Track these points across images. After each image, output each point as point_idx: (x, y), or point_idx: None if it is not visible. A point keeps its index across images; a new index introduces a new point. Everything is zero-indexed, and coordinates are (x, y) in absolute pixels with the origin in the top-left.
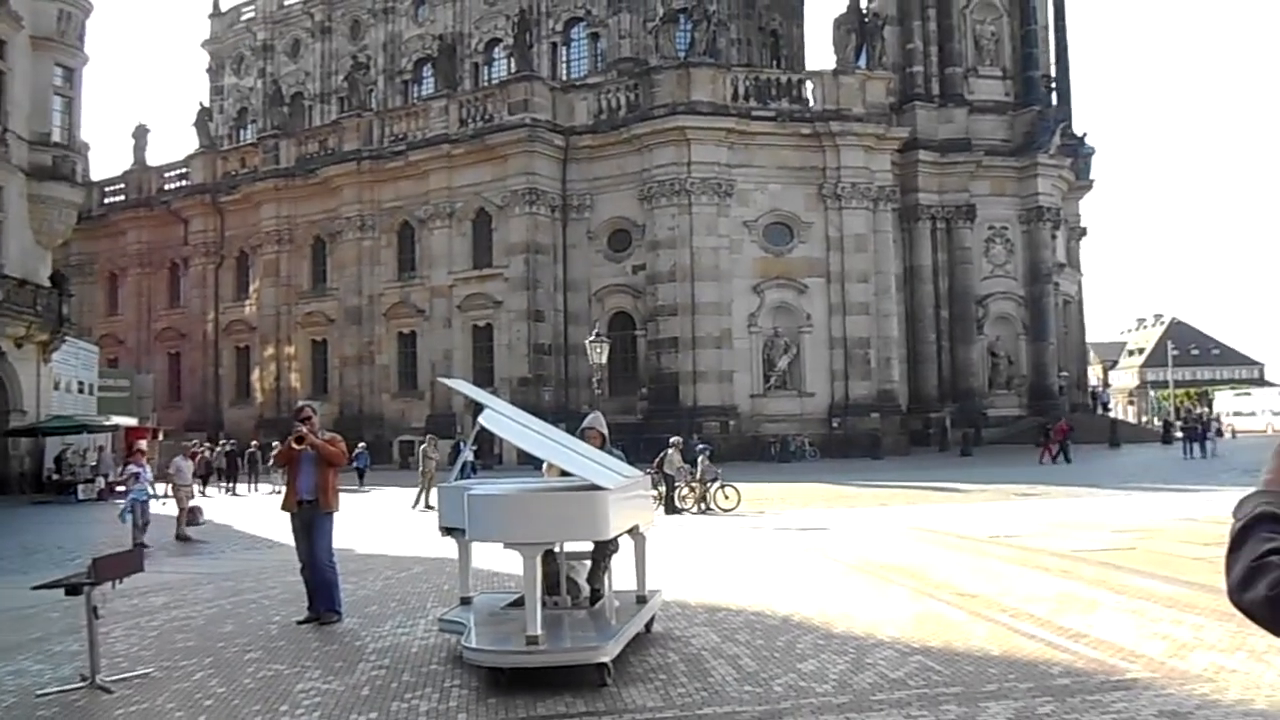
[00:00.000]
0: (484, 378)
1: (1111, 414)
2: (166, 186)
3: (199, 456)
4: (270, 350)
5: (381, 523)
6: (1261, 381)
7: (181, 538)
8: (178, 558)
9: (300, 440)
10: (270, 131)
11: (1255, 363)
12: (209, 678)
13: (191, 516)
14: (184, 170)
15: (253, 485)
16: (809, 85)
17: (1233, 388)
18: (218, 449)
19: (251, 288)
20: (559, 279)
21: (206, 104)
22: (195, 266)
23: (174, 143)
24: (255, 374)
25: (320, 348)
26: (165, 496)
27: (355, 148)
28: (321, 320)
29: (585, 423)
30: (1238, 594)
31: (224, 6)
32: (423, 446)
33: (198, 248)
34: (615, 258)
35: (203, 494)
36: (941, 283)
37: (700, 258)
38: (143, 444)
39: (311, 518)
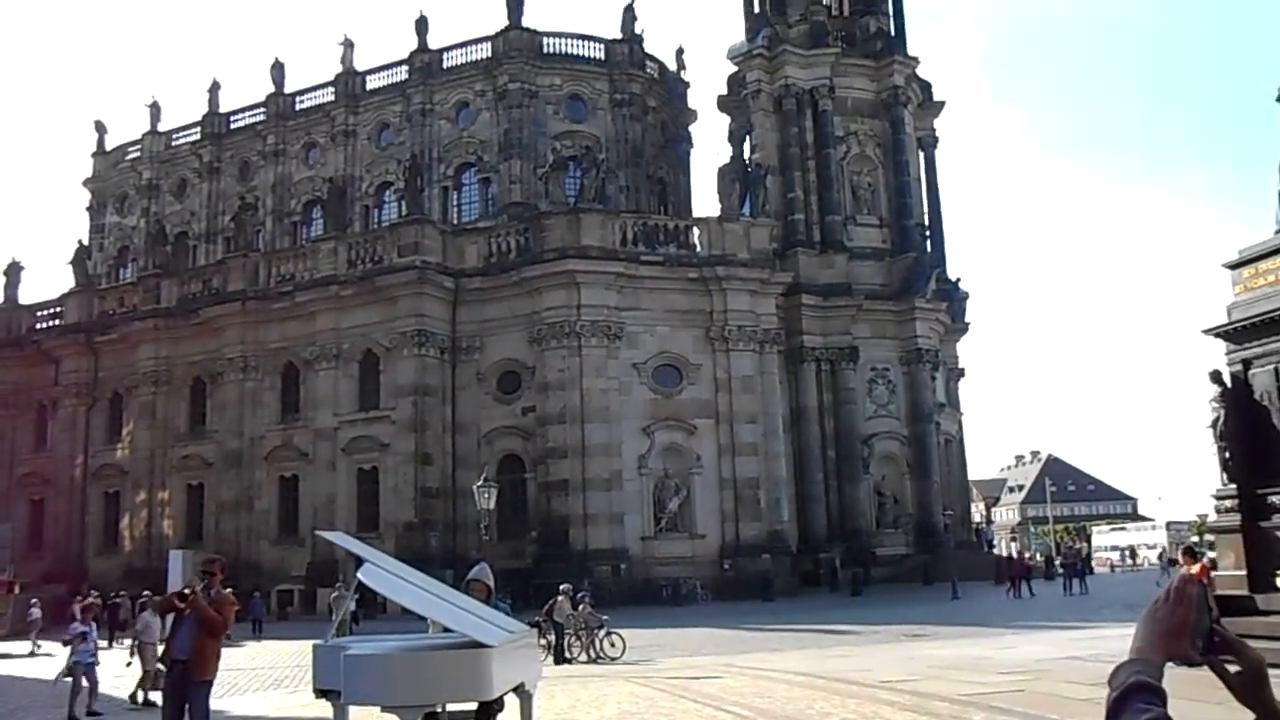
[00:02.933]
0: (369, 523)
1: (996, 550)
2: (38, 326)
3: (90, 608)
4: (142, 495)
5: (269, 679)
6: (1135, 516)
7: (148, 703)
8: None
9: (184, 599)
10: (152, 271)
11: (1129, 498)
12: None
13: (155, 679)
14: (58, 309)
15: (112, 641)
16: (696, 231)
17: (1109, 522)
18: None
19: (125, 430)
20: (448, 421)
21: (85, 242)
22: (65, 408)
23: (48, 281)
24: (125, 521)
25: (196, 492)
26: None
27: (240, 288)
28: (199, 464)
29: (470, 574)
30: None
31: (109, 145)
32: (333, 595)
33: (69, 389)
34: (505, 400)
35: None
36: (828, 423)
37: (590, 399)
38: (90, 600)
39: (185, 684)
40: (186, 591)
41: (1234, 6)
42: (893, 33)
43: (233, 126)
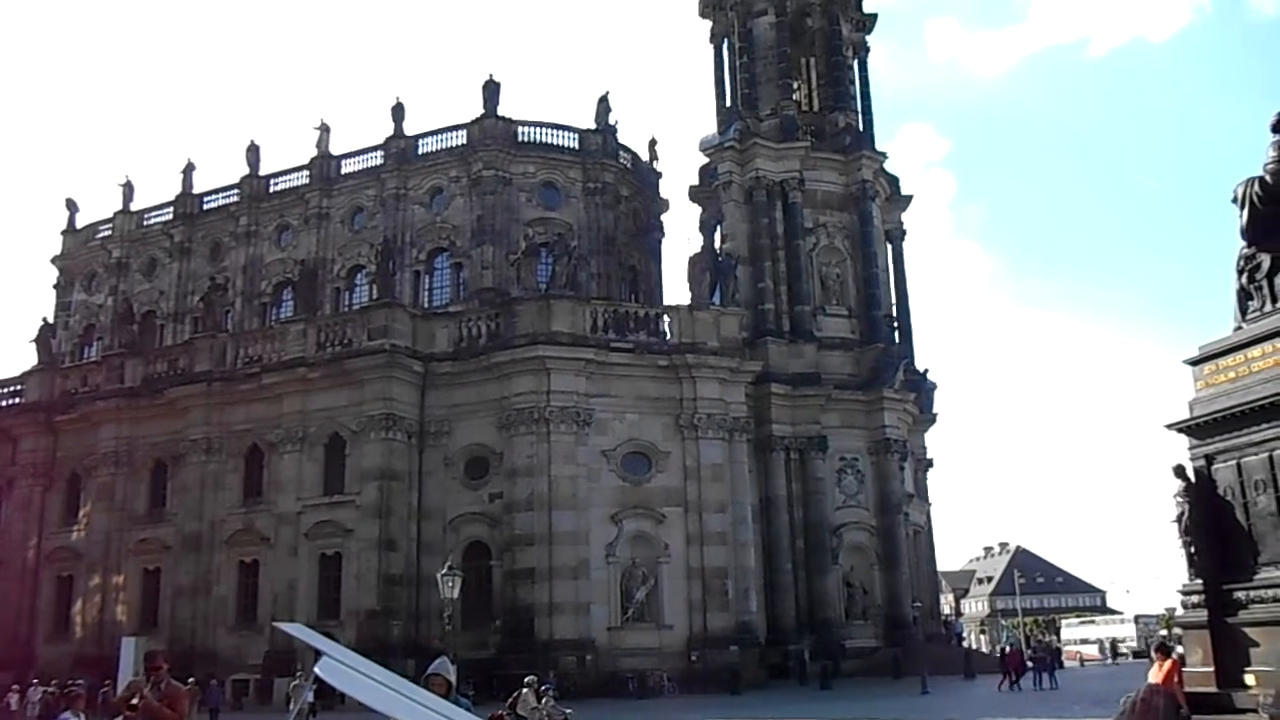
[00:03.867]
0: (331, 610)
1: (966, 643)
2: None
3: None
4: (97, 580)
5: None
6: (1104, 609)
7: None
8: None
9: (132, 706)
10: (117, 350)
11: (1098, 590)
12: None
13: None
14: (18, 387)
15: None
16: (666, 319)
17: (1077, 615)
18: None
19: (82, 512)
20: (413, 506)
21: (51, 320)
22: (21, 488)
23: (11, 359)
24: (77, 606)
25: (153, 577)
26: None
27: (207, 368)
28: (156, 547)
29: (430, 669)
30: None
31: (79, 223)
32: (292, 685)
33: (25, 468)
34: (472, 485)
35: None
36: (797, 512)
37: (558, 486)
38: (78, 686)
39: None
40: (136, 702)
41: (1192, 112)
42: (861, 128)
43: (206, 207)
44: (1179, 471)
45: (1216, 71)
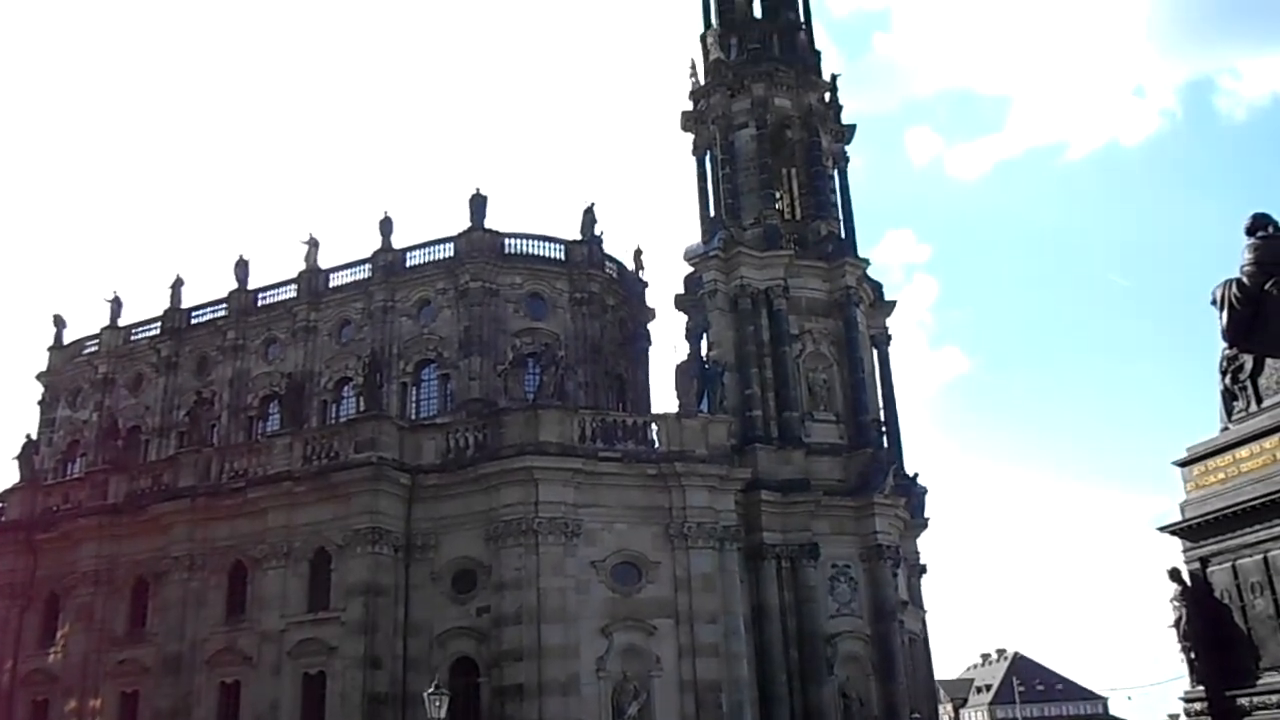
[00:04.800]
0: None
1: None
2: None
3: None
4: (73, 704)
5: None
6: (1106, 716)
7: None
8: None
9: None
10: (101, 466)
11: (1099, 697)
12: None
13: None
14: (0, 505)
15: None
16: (654, 427)
17: None
18: None
19: (60, 633)
20: (399, 622)
21: (34, 436)
22: None
23: None
24: None
25: (131, 701)
26: None
27: (191, 484)
28: (135, 670)
29: None
30: None
31: (66, 339)
32: None
33: (3, 589)
34: (459, 599)
35: None
36: (790, 622)
37: (547, 599)
38: None
39: None
40: None
41: (1166, 213)
42: (843, 235)
43: (193, 322)
44: (1174, 575)
45: (1189, 175)
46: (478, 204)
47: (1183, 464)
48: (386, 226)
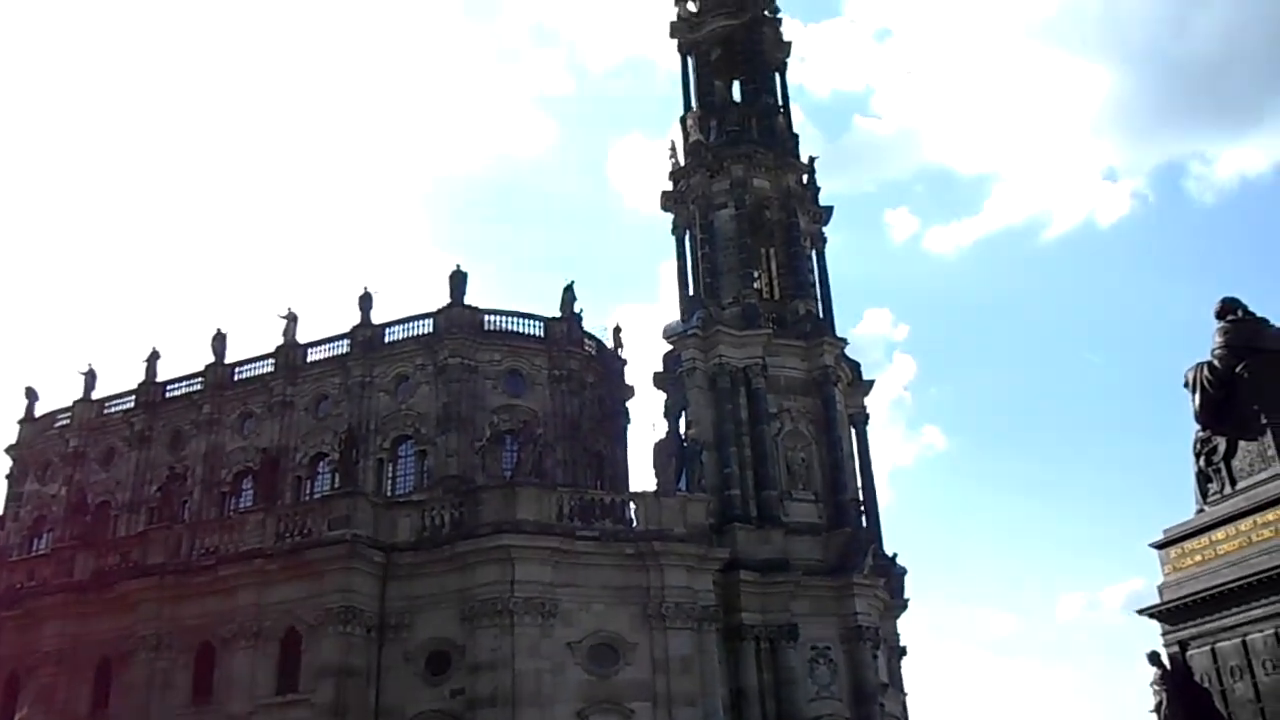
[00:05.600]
0: None
1: None
2: None
3: None
4: None
5: None
6: None
7: None
8: None
9: None
10: (68, 542)
11: None
12: None
13: None
14: None
15: None
16: (632, 506)
17: None
18: None
19: (18, 715)
20: (371, 705)
21: (0, 511)
22: None
23: None
24: None
25: None
26: None
27: (160, 560)
28: None
29: None
30: None
31: (38, 412)
32: None
33: None
34: (433, 681)
35: None
36: (769, 705)
37: (522, 682)
38: None
39: None
40: None
41: (1141, 292)
42: (821, 315)
43: (168, 395)
44: (1154, 659)
45: (1160, 256)
46: (458, 280)
47: (1160, 546)
48: (366, 302)
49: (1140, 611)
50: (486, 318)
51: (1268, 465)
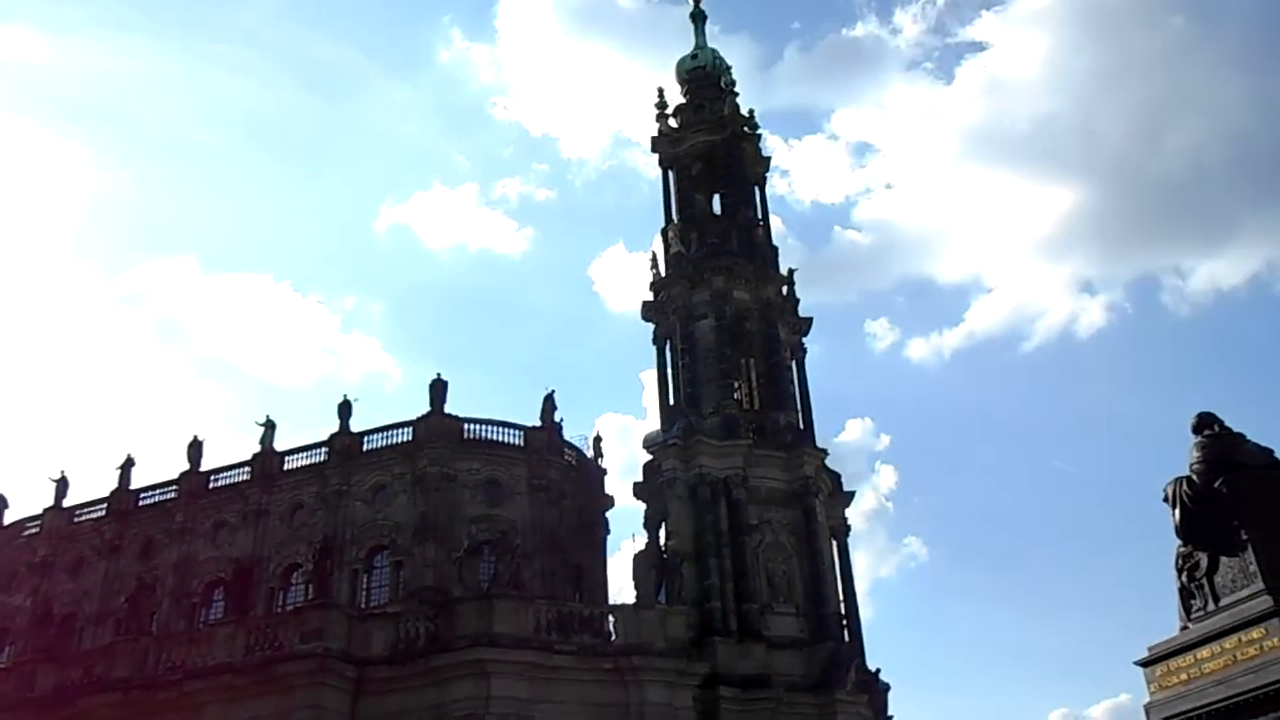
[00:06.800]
0: None
1: None
2: None
3: None
4: None
5: None
6: None
7: None
8: None
9: None
10: (30, 655)
11: None
12: None
13: None
14: None
15: None
16: (611, 619)
17: None
18: None
19: None
20: None
21: None
22: None
23: None
24: None
25: None
26: None
27: (125, 675)
28: None
29: None
30: None
31: (7, 520)
32: None
33: None
34: None
35: None
36: None
37: None
38: None
39: None
40: None
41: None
42: (801, 426)
43: (141, 503)
44: None
45: (1136, 367)
46: (438, 389)
47: (1145, 664)
48: (345, 410)
49: None
50: (466, 426)
51: (1250, 581)
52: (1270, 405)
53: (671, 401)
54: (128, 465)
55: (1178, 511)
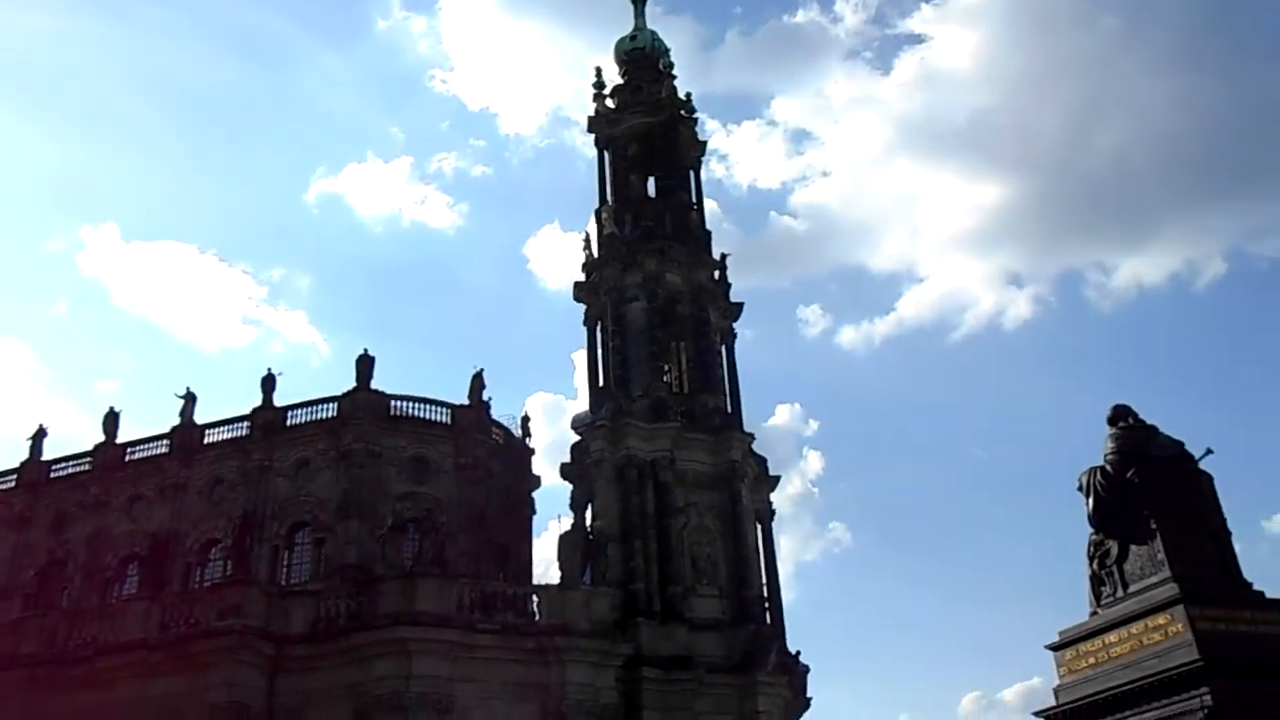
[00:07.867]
0: None
1: None
2: None
3: None
4: None
5: None
6: None
7: None
8: None
9: None
10: None
11: None
12: None
13: None
14: None
15: None
16: (535, 599)
17: None
18: None
19: None
20: None
21: None
22: None
23: None
24: None
25: None
26: None
27: (33, 651)
28: None
29: None
30: None
31: None
32: None
33: None
34: None
35: None
36: None
37: None
38: None
39: None
40: None
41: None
42: (729, 410)
43: (53, 476)
44: None
45: (1058, 360)
46: (365, 365)
47: (1055, 647)
48: (269, 384)
49: (1037, 714)
50: (393, 403)
51: (1158, 570)
52: (1184, 399)
53: (601, 383)
54: (39, 436)
55: (1091, 500)
